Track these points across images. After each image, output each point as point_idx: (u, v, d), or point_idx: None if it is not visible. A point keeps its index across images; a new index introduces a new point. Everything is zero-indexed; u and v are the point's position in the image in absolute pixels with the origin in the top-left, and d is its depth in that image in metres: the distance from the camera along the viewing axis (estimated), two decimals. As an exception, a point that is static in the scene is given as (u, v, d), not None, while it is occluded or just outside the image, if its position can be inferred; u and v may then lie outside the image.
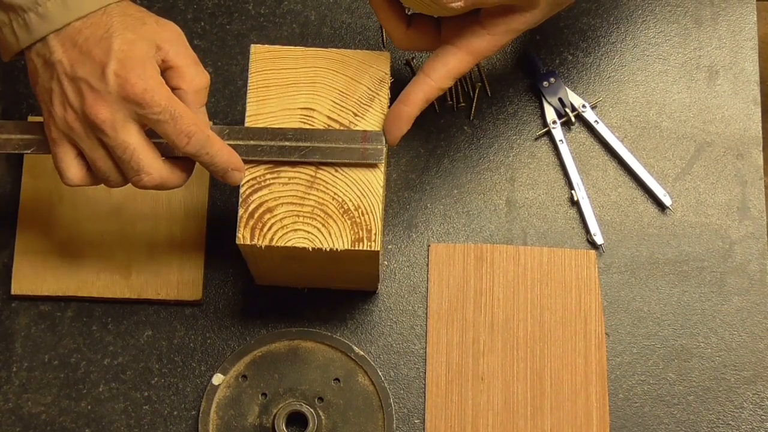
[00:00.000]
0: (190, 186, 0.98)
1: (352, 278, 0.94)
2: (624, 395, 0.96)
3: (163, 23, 0.83)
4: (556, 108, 1.01)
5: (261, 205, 0.84)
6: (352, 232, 0.84)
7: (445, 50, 0.86)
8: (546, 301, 0.97)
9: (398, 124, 0.87)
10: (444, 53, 0.86)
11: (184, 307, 0.97)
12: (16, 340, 0.96)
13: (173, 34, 0.82)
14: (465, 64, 0.86)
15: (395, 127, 0.87)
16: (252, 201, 0.84)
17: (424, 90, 0.86)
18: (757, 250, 0.99)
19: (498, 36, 0.85)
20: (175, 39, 0.82)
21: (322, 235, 0.84)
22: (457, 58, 0.86)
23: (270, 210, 0.84)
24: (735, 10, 1.04)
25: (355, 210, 0.84)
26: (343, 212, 0.84)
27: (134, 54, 0.79)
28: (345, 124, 0.86)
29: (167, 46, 0.81)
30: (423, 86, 0.86)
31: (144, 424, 0.95)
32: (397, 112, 0.86)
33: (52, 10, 0.78)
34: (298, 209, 0.84)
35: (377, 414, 0.95)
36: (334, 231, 0.84)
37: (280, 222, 0.84)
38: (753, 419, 0.96)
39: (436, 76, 0.86)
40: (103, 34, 0.79)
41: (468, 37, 0.85)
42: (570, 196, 1.00)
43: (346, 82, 0.87)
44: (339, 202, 0.85)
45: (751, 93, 1.03)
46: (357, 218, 0.84)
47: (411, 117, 0.87)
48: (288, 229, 0.84)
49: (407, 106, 0.86)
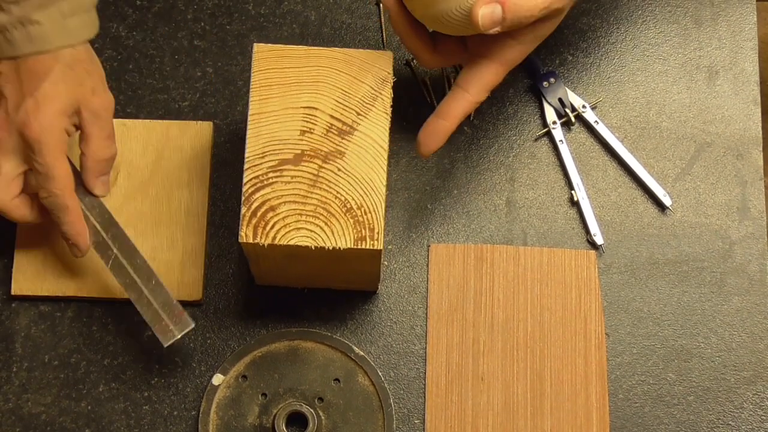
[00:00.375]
0: (191, 186, 0.98)
1: (352, 278, 0.94)
2: (624, 395, 0.96)
3: (99, 92, 0.89)
4: (556, 108, 1.01)
5: (264, 204, 0.84)
6: (355, 230, 0.84)
7: (479, 64, 0.88)
8: (546, 302, 0.97)
9: (435, 138, 0.89)
10: (478, 67, 0.88)
11: (184, 307, 0.97)
12: (17, 341, 0.97)
13: (101, 105, 0.89)
14: (499, 76, 0.88)
15: (432, 141, 0.89)
16: (255, 199, 0.84)
17: (463, 105, 0.88)
18: (757, 250, 0.99)
19: (527, 44, 0.87)
20: (100, 110, 0.89)
21: (325, 234, 0.84)
22: (492, 71, 0.88)
23: (273, 208, 0.84)
24: (735, 11, 1.04)
25: (358, 209, 0.84)
26: (346, 211, 0.84)
27: (52, 104, 0.86)
28: (348, 123, 0.86)
29: (86, 113, 0.88)
30: (461, 101, 0.88)
31: (144, 424, 0.95)
32: (434, 126, 0.88)
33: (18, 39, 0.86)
34: (301, 208, 0.84)
35: (377, 414, 0.95)
36: (337, 230, 0.84)
37: (283, 221, 0.84)
38: (753, 419, 0.96)
39: (473, 90, 0.88)
40: (41, 75, 0.86)
41: (499, 49, 0.87)
42: (570, 197, 1.00)
43: (349, 81, 0.87)
44: (342, 201, 0.85)
45: (751, 93, 1.03)
46: (360, 217, 0.84)
47: (448, 132, 0.89)
48: (291, 227, 0.84)
49: (446, 120, 0.88)
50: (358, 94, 0.87)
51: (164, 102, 1.02)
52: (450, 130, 0.89)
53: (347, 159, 0.85)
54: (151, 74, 1.02)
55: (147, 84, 1.02)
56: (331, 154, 0.85)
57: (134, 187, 0.98)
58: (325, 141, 0.86)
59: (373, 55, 0.87)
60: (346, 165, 0.85)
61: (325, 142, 0.86)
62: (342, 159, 0.85)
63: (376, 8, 1.04)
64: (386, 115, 0.86)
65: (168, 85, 1.02)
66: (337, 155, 0.85)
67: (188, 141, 0.99)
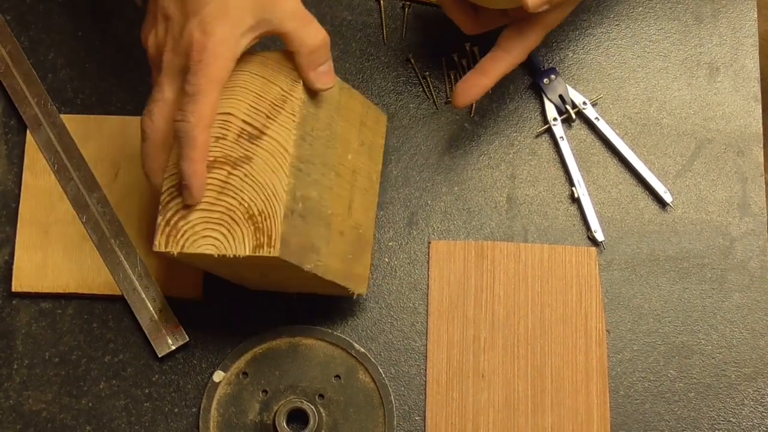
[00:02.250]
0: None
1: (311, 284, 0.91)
2: (625, 392, 0.96)
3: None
4: (557, 105, 1.01)
5: (177, 212, 0.83)
6: (254, 238, 0.81)
7: (521, 27, 0.91)
8: (547, 298, 0.97)
9: (473, 91, 0.92)
10: (520, 29, 0.91)
11: (184, 304, 0.97)
12: (17, 338, 0.96)
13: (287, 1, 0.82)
14: (540, 38, 0.91)
15: (470, 93, 0.92)
16: (170, 208, 0.83)
17: (503, 65, 0.92)
18: (758, 246, 0.99)
19: (566, 6, 0.91)
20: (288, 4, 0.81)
21: (227, 241, 0.82)
22: (535, 33, 0.91)
23: (184, 217, 0.82)
24: (735, 7, 1.04)
25: (259, 215, 0.81)
26: (248, 218, 0.82)
27: (219, 24, 0.79)
28: (257, 126, 0.83)
29: (276, 15, 0.81)
30: (503, 62, 0.91)
31: (145, 421, 0.95)
32: (474, 80, 0.91)
33: None
34: (209, 215, 0.82)
35: (378, 411, 0.95)
36: (238, 237, 0.81)
37: (192, 229, 0.82)
38: (754, 416, 0.96)
39: (515, 52, 0.91)
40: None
41: (542, 13, 0.89)
42: (570, 193, 1.00)
43: (262, 84, 0.84)
44: (245, 208, 0.82)
45: (751, 90, 1.03)
46: (260, 224, 0.81)
47: (486, 88, 0.92)
48: (198, 235, 0.82)
49: (486, 77, 0.91)
50: (269, 96, 0.84)
51: (165, 99, 1.01)
52: (488, 87, 0.93)
53: (254, 164, 0.82)
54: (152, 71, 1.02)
55: (147, 81, 1.01)
56: (240, 159, 0.82)
57: (135, 184, 0.98)
58: (236, 146, 0.83)
59: (287, 55, 0.84)
60: (252, 170, 0.82)
61: (235, 148, 0.83)
62: (249, 164, 0.82)
63: (377, 5, 1.04)
64: (293, 117, 0.83)
65: (168, 82, 1.02)
66: (245, 161, 0.82)
67: (189, 138, 0.99)
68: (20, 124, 1.01)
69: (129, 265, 0.96)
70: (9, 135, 1.01)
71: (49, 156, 0.99)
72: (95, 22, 1.03)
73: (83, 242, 0.97)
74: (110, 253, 0.97)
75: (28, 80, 1.01)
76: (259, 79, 0.84)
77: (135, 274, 0.96)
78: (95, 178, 0.98)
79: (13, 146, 1.00)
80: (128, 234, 0.97)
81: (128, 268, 0.96)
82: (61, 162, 0.99)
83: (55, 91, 1.01)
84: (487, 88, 0.93)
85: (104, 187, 0.98)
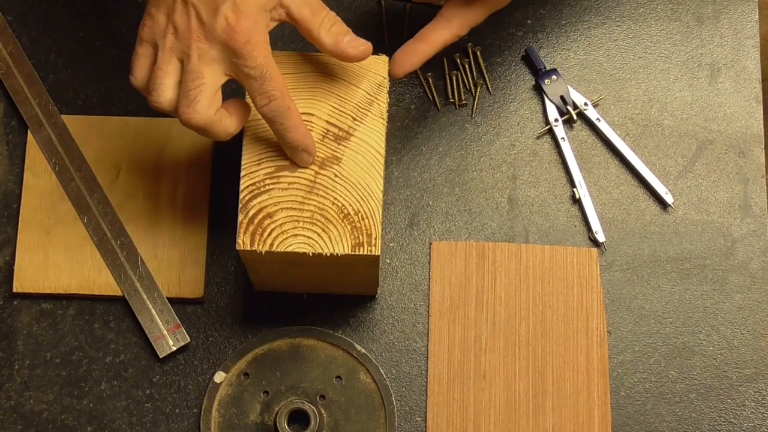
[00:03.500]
0: (192, 181, 0.98)
1: (350, 283, 0.94)
2: (626, 393, 0.96)
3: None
4: (558, 106, 1.01)
5: (261, 211, 0.84)
6: (353, 236, 0.84)
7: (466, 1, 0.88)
8: (548, 299, 0.97)
9: (411, 58, 0.89)
10: (466, 2, 0.88)
11: (185, 304, 0.97)
12: (18, 338, 0.97)
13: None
14: (483, 16, 0.89)
15: (407, 61, 0.89)
16: (252, 206, 0.84)
17: (445, 35, 0.89)
18: (759, 247, 0.99)
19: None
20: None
21: (323, 240, 0.84)
22: (478, 10, 0.88)
23: (270, 215, 0.84)
24: (737, 8, 1.04)
25: (355, 215, 0.84)
26: (343, 217, 0.84)
27: (251, 3, 0.79)
28: (344, 128, 0.86)
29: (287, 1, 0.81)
30: (444, 31, 0.88)
31: (146, 422, 0.95)
32: (412, 47, 0.88)
33: None
34: (298, 214, 0.84)
35: (379, 412, 0.95)
36: (335, 236, 0.84)
37: (280, 227, 0.84)
38: (755, 417, 0.96)
39: (456, 23, 0.88)
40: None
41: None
42: (572, 194, 1.00)
43: (344, 87, 0.87)
44: (339, 207, 0.84)
45: (753, 91, 1.03)
46: (357, 223, 0.84)
47: (426, 55, 0.89)
48: (288, 234, 0.84)
49: (425, 43, 0.88)
50: (354, 99, 0.86)
51: (166, 99, 1.01)
52: (428, 55, 0.89)
53: (344, 165, 0.85)
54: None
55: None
56: (328, 159, 0.85)
57: (136, 185, 0.98)
58: (322, 147, 0.85)
59: (369, 60, 0.87)
60: (342, 171, 0.85)
61: (321, 148, 0.85)
62: (339, 165, 0.85)
63: (378, 6, 1.04)
64: (382, 120, 0.86)
65: (169, 82, 1.02)
66: (333, 161, 0.85)
67: (190, 138, 0.99)
68: (21, 125, 1.01)
69: (130, 265, 0.96)
70: (10, 135, 1.01)
71: (50, 156, 0.99)
72: (97, 22, 1.03)
73: (84, 243, 0.97)
74: (111, 253, 0.97)
75: (29, 80, 1.01)
76: (341, 81, 0.87)
77: (136, 274, 0.96)
78: (96, 178, 0.98)
79: (14, 147, 1.00)
80: (129, 235, 0.97)
81: (129, 269, 0.96)
82: (62, 163, 0.99)
83: (56, 92, 1.01)
84: (427, 56, 0.89)
85: (105, 187, 0.98)
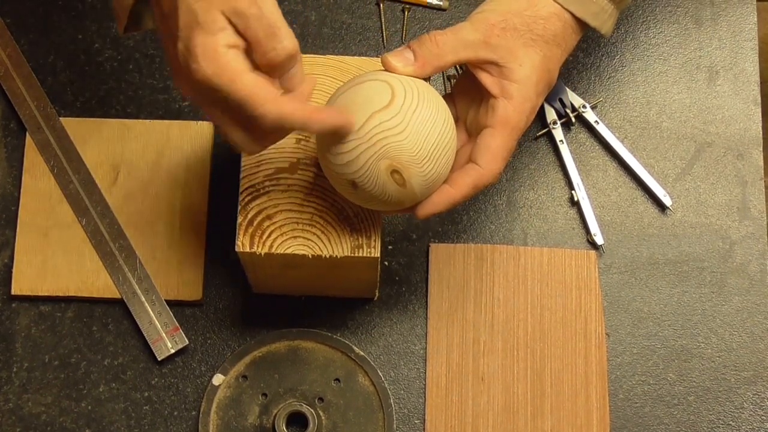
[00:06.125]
0: (191, 186, 0.98)
1: (349, 286, 0.94)
2: (624, 395, 0.96)
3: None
4: (557, 108, 1.01)
5: (260, 213, 0.84)
6: (352, 238, 0.84)
7: (483, 134, 0.83)
8: (546, 302, 0.97)
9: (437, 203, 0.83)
10: (482, 137, 0.83)
11: (184, 307, 0.97)
12: (17, 341, 0.96)
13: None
14: (503, 139, 0.83)
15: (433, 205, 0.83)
16: (251, 208, 0.84)
17: (471, 175, 0.83)
18: (758, 250, 0.99)
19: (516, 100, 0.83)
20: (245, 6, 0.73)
21: (322, 242, 0.84)
22: (490, 135, 0.83)
23: (269, 217, 0.84)
24: (735, 11, 1.04)
25: (355, 217, 0.84)
26: (343, 219, 0.84)
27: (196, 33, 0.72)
28: None
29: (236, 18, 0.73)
30: (470, 171, 0.83)
31: (144, 424, 0.95)
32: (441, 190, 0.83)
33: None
34: (298, 216, 0.84)
35: (377, 414, 0.95)
36: (334, 238, 0.84)
37: (280, 229, 0.84)
38: (753, 419, 0.96)
39: (482, 161, 0.83)
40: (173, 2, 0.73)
41: (490, 111, 0.83)
42: (570, 197, 1.00)
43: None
44: (338, 209, 0.84)
45: (751, 93, 1.03)
46: (356, 225, 0.84)
47: (453, 199, 0.83)
48: (287, 236, 0.84)
49: (452, 187, 0.83)
50: None
51: (164, 102, 1.02)
52: (455, 199, 0.83)
53: None
54: (151, 74, 1.02)
55: (147, 84, 1.02)
56: None
57: (134, 187, 0.98)
58: None
59: (367, 63, 0.87)
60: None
61: None
62: None
63: (377, 8, 1.04)
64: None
65: (168, 85, 1.02)
66: None
67: (188, 141, 0.99)
68: (20, 127, 1.01)
69: (128, 268, 0.96)
70: (8, 138, 1.01)
71: (48, 159, 0.99)
72: (95, 25, 1.03)
73: (83, 245, 0.97)
74: (110, 256, 0.97)
75: (27, 83, 1.01)
76: (339, 83, 0.85)
77: (134, 277, 0.96)
78: (95, 181, 0.98)
79: (12, 149, 1.00)
80: (128, 237, 0.97)
81: (128, 271, 0.96)
82: (60, 165, 0.99)
83: (54, 94, 1.01)
84: (455, 201, 0.83)
85: (104, 190, 0.98)
